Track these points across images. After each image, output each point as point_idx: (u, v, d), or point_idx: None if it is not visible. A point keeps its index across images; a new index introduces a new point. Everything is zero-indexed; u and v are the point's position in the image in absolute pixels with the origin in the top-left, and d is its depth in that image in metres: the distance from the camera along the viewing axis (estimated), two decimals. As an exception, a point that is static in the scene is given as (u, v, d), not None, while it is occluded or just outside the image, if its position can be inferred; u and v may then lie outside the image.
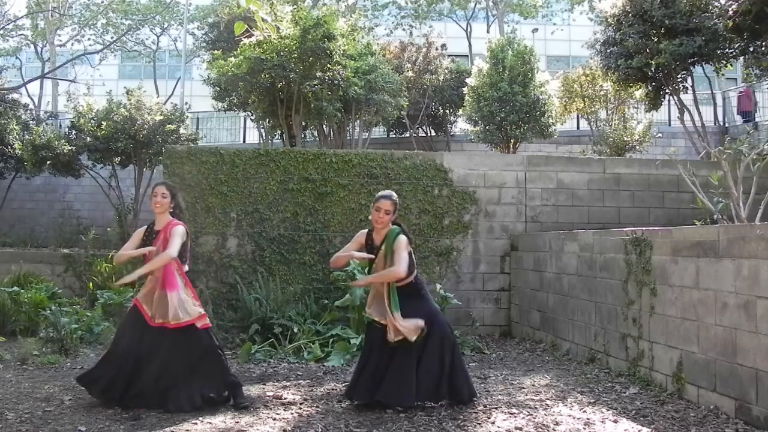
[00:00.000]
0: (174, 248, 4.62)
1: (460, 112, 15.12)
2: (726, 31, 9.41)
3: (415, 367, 4.59)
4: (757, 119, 16.73)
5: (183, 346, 4.61)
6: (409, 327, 4.53)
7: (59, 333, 6.61)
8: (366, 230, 4.84)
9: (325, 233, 8.30)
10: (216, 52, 13.73)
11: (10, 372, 5.81)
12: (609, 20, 11.29)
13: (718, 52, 10.34)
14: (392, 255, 4.58)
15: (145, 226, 4.93)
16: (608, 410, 4.67)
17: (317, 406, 4.72)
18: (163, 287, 4.62)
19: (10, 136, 14.89)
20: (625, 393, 5.16)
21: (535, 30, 26.88)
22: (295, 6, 12.18)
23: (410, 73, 15.60)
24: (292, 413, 4.54)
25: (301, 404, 4.78)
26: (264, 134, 15.71)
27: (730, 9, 9.28)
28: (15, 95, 16.86)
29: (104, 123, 12.91)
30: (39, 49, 27.71)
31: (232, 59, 11.63)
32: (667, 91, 11.26)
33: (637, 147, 12.90)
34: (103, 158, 13.36)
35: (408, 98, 14.07)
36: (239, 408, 4.58)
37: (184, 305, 4.63)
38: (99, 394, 4.68)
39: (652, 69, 10.65)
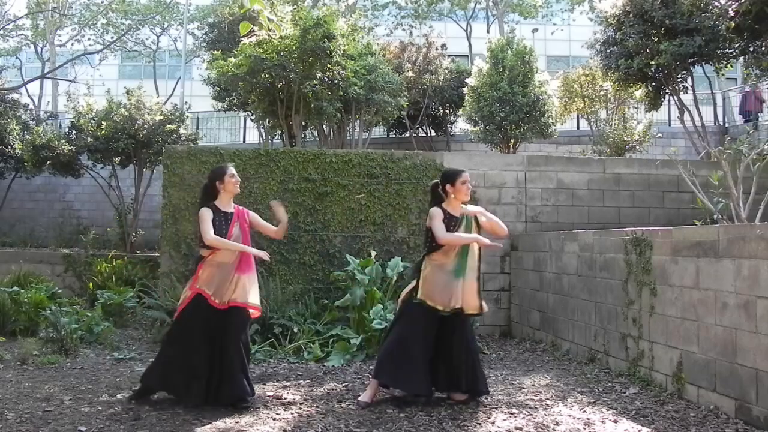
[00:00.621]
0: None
1: (460, 112, 15.10)
2: (726, 32, 9.41)
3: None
4: (758, 119, 16.67)
5: (241, 332, 4.73)
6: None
7: (59, 333, 6.61)
8: (435, 208, 4.87)
9: (325, 233, 8.30)
10: (216, 52, 13.73)
11: (10, 372, 5.80)
12: (609, 20, 11.29)
13: (718, 52, 10.34)
14: (478, 224, 4.90)
15: (207, 208, 4.78)
16: (608, 410, 4.67)
17: (317, 406, 4.72)
18: (245, 269, 4.69)
19: (10, 136, 14.88)
20: (625, 393, 5.16)
21: (535, 30, 26.87)
22: (295, 6, 12.19)
23: (410, 73, 15.58)
24: (292, 413, 4.54)
25: (301, 404, 4.78)
26: (264, 134, 15.71)
27: (730, 9, 9.29)
28: (15, 95, 16.85)
29: (104, 123, 12.90)
30: (39, 49, 27.72)
31: (232, 59, 11.63)
32: (667, 91, 11.26)
33: (637, 147, 12.89)
34: (103, 158, 13.36)
35: (408, 98, 14.06)
36: (239, 408, 4.58)
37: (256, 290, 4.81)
38: (186, 392, 4.62)
39: (652, 69, 10.65)
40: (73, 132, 13.93)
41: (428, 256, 4.80)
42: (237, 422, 4.29)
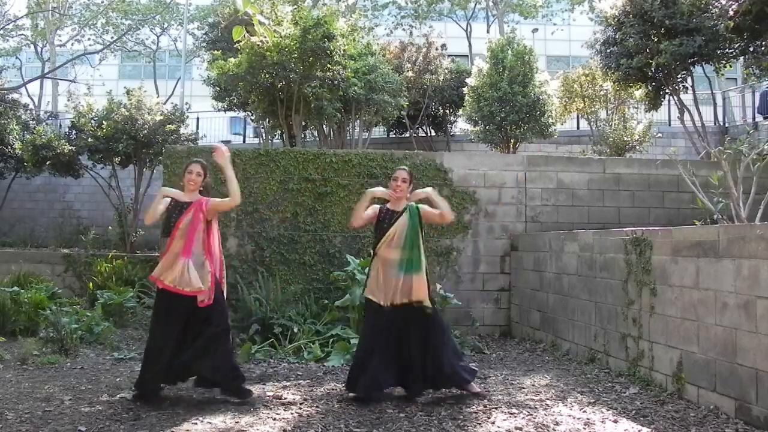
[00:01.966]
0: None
1: (460, 112, 15.09)
2: (726, 32, 9.41)
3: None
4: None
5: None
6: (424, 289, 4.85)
7: (59, 333, 6.61)
8: (379, 206, 5.05)
9: (325, 233, 8.30)
10: (216, 52, 13.72)
11: (10, 372, 5.81)
12: (609, 20, 11.29)
13: (718, 52, 10.33)
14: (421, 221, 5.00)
15: (167, 196, 4.97)
16: (608, 410, 4.67)
17: (317, 406, 4.72)
18: (188, 254, 4.76)
19: (10, 136, 14.88)
20: (625, 393, 5.16)
21: (535, 30, 26.87)
22: (296, 6, 12.18)
23: (410, 73, 15.58)
24: (292, 413, 4.54)
25: (301, 404, 4.78)
26: (264, 134, 15.70)
27: (730, 9, 9.28)
28: (15, 95, 16.83)
29: (105, 123, 12.89)
30: (39, 49, 27.71)
31: (232, 59, 11.63)
32: (667, 91, 11.26)
33: (637, 147, 12.88)
34: (103, 158, 13.35)
35: (408, 98, 14.05)
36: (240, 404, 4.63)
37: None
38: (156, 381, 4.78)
39: (652, 69, 10.65)
40: (73, 132, 13.92)
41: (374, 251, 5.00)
42: (237, 422, 4.29)
